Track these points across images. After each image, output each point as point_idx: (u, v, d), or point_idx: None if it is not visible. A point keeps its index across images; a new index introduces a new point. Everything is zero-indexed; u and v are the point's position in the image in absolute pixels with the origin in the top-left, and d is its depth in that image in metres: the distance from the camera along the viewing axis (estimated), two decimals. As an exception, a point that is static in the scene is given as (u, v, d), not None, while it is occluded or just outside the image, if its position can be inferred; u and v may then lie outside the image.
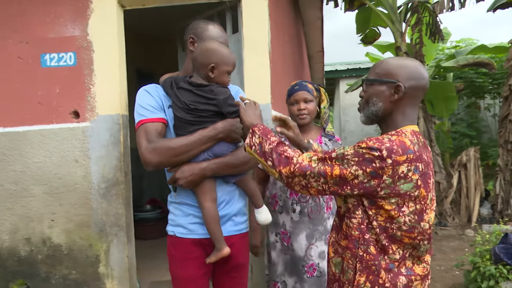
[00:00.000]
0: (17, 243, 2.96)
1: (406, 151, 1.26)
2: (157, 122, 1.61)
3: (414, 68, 1.37)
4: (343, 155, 1.28)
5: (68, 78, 2.87)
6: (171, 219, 1.72)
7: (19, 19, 2.90)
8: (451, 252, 4.20)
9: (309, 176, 1.31)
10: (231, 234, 1.71)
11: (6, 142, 2.93)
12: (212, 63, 1.61)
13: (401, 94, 1.35)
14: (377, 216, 1.30)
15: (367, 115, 1.42)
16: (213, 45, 1.63)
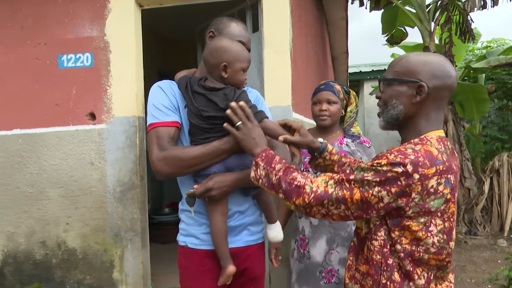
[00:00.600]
0: (33, 246, 2.92)
1: (434, 162, 1.09)
2: (170, 127, 1.50)
3: (439, 65, 1.19)
4: (362, 177, 1.11)
5: (85, 79, 2.82)
6: (183, 228, 1.61)
7: (37, 20, 2.87)
8: (482, 263, 3.96)
9: (327, 204, 1.15)
10: (247, 245, 1.60)
11: (23, 144, 2.90)
12: (223, 62, 1.47)
13: (424, 95, 1.18)
14: (401, 239, 1.14)
15: (386, 119, 1.25)
16: (222, 42, 1.50)
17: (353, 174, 1.13)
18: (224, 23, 1.61)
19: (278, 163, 1.27)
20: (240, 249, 1.58)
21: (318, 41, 5.17)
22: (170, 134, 1.49)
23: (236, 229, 1.57)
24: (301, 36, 3.18)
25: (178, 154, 1.45)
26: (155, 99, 1.54)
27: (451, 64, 1.21)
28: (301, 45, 3.18)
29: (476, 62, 7.49)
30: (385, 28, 6.61)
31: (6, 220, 2.94)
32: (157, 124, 1.49)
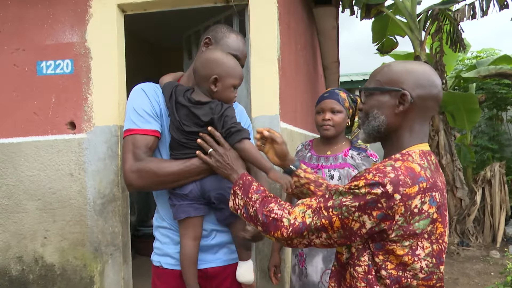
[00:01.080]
0: (9, 261, 2.78)
1: (417, 179, 1.01)
2: (149, 135, 1.39)
3: (423, 73, 1.11)
4: (341, 202, 1.03)
5: (64, 87, 2.71)
6: (158, 247, 1.49)
7: (15, 25, 2.76)
8: (475, 276, 3.88)
9: (307, 234, 1.08)
10: (226, 264, 1.50)
11: (0, 154, 2.77)
12: (214, 75, 1.37)
13: (407, 105, 1.09)
14: (385, 264, 1.04)
15: (367, 131, 1.16)
16: (216, 54, 1.40)
17: (331, 199, 1.06)
18: (223, 32, 1.51)
19: (255, 192, 1.19)
20: (219, 269, 1.48)
21: (308, 49, 5.11)
22: (148, 143, 1.39)
23: (214, 248, 1.48)
24: (290, 44, 3.10)
25: (153, 168, 1.34)
26: (136, 102, 1.43)
27: (436, 73, 1.14)
28: (290, 53, 3.11)
29: (466, 71, 7.51)
30: (375, 37, 6.59)
31: (-20, 234, 2.79)
32: (135, 131, 1.39)
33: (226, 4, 2.58)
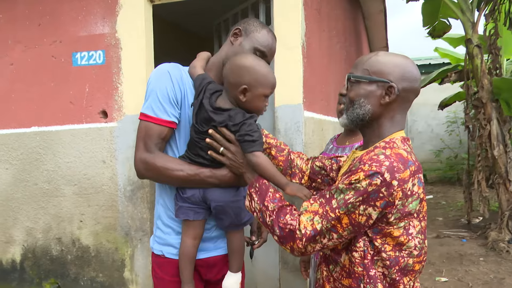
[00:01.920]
0: (50, 242, 2.97)
1: (407, 164, 1.06)
2: (164, 126, 1.36)
3: (408, 67, 1.15)
4: (345, 201, 1.05)
5: (97, 77, 2.81)
6: (159, 236, 1.47)
7: (53, 18, 2.89)
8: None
9: (319, 238, 1.09)
10: (225, 253, 1.49)
11: (41, 141, 2.94)
12: (244, 85, 1.28)
13: (393, 97, 1.13)
14: (384, 247, 1.09)
15: (351, 118, 1.19)
16: (248, 61, 1.30)
17: (333, 199, 1.08)
18: (255, 26, 1.46)
19: (272, 201, 1.19)
20: (219, 258, 1.49)
21: (349, 35, 4.92)
22: (161, 134, 1.36)
23: (214, 238, 1.47)
24: (320, 30, 3.00)
25: (159, 167, 1.33)
26: (158, 85, 1.36)
27: (416, 66, 1.17)
28: (320, 40, 3.00)
29: (529, 55, 6.89)
30: (426, 20, 6.19)
31: (25, 216, 3.00)
32: (151, 118, 1.36)
33: (251, -10, 2.53)
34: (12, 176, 3.00)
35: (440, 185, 8.95)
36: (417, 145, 11.24)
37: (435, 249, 4.43)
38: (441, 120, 10.46)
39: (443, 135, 10.44)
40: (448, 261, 4.09)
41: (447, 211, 6.43)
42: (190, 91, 1.40)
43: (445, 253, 4.31)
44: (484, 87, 4.78)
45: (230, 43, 1.46)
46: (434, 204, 7.02)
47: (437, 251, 4.38)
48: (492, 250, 4.32)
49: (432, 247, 4.49)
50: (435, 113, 10.15)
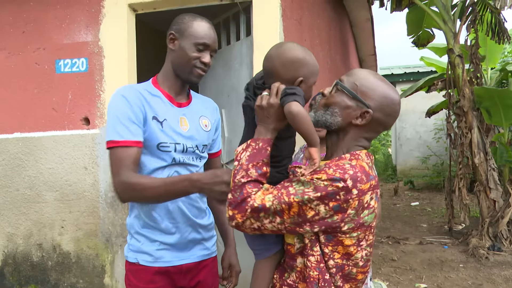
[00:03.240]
0: (30, 248, 2.97)
1: (369, 177, 1.08)
2: (132, 147, 1.37)
3: (393, 103, 1.16)
4: (303, 192, 1.05)
5: (80, 84, 2.84)
6: (133, 244, 1.49)
7: (37, 25, 2.92)
8: (502, 282, 3.67)
9: (262, 217, 1.08)
10: (200, 260, 1.55)
11: (23, 147, 2.96)
12: (300, 77, 1.21)
13: (364, 122, 1.15)
14: (333, 254, 1.10)
15: (317, 119, 1.18)
16: (299, 52, 1.24)
17: (292, 187, 1.08)
18: (185, 23, 1.45)
19: (256, 168, 1.12)
20: (193, 264, 1.53)
21: (334, 44, 5.00)
22: (132, 155, 1.37)
23: (189, 244, 1.51)
24: (301, 40, 3.06)
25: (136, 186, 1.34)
26: (118, 111, 1.39)
27: (400, 106, 1.19)
28: (302, 49, 3.06)
29: (512, 64, 7.03)
30: (410, 29, 6.32)
31: (6, 222, 3.01)
32: (118, 143, 1.37)
33: (231, 1, 2.59)
34: (-7, 182, 3.01)
35: (427, 192, 9.05)
36: (405, 151, 11.37)
37: (417, 255, 4.49)
38: (429, 127, 10.61)
39: (431, 142, 10.58)
40: (428, 267, 4.16)
41: (431, 217, 6.52)
42: (148, 105, 1.43)
43: (427, 259, 4.38)
44: (465, 96, 4.88)
45: (171, 49, 1.47)
46: (419, 210, 7.10)
47: (419, 257, 4.44)
48: (473, 257, 4.39)
49: (414, 253, 4.56)
50: (422, 120, 10.30)
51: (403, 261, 4.33)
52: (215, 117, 1.65)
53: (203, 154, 1.57)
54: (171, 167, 1.46)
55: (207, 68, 1.49)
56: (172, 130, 1.46)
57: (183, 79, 1.50)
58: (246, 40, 2.67)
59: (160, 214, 1.47)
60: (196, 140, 1.52)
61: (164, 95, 1.50)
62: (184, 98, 1.56)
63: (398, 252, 4.65)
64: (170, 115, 1.48)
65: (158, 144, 1.43)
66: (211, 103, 1.68)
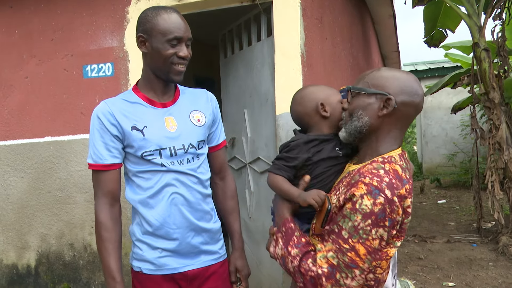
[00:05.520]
0: (63, 247, 3.08)
1: (403, 182, 1.07)
2: (110, 170, 1.41)
3: (408, 81, 1.15)
4: (355, 227, 1.02)
5: (106, 88, 2.93)
6: (136, 252, 1.48)
7: (65, 33, 3.02)
8: (536, 281, 3.58)
9: (340, 278, 1.05)
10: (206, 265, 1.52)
11: (54, 150, 3.07)
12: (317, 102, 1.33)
13: (390, 109, 1.13)
14: (376, 269, 1.07)
15: (349, 130, 1.18)
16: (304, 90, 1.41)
17: (343, 229, 1.04)
18: (150, 21, 1.37)
19: (295, 246, 1.14)
20: (200, 270, 1.50)
21: (356, 41, 4.97)
22: (107, 179, 1.41)
23: (193, 250, 1.48)
24: (323, 39, 3.06)
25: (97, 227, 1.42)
26: (93, 132, 1.41)
27: (419, 82, 1.17)
28: (322, 48, 3.06)
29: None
30: (427, 27, 6.19)
31: (39, 223, 3.12)
32: (97, 166, 1.40)
33: (252, 2, 2.61)
34: (27, 184, 3.13)
35: (454, 190, 8.85)
36: (431, 149, 11.15)
37: (445, 254, 4.41)
38: (455, 124, 10.38)
39: (458, 138, 10.34)
40: (457, 266, 4.08)
41: (459, 215, 6.38)
42: (125, 117, 1.41)
43: (455, 258, 4.29)
44: (493, 90, 4.76)
45: (144, 53, 1.43)
46: (447, 208, 6.96)
47: (446, 256, 4.36)
48: (503, 255, 4.29)
49: (441, 252, 4.48)
50: (449, 117, 10.09)
51: (430, 260, 4.26)
52: (210, 108, 1.57)
53: (201, 151, 1.51)
54: (163, 174, 1.42)
55: (187, 61, 1.42)
56: (155, 135, 1.42)
57: (164, 80, 1.45)
58: (267, 40, 2.69)
59: (159, 220, 1.43)
60: (187, 139, 1.46)
61: (144, 100, 1.45)
62: (170, 97, 1.49)
63: (425, 250, 4.58)
64: (152, 119, 1.43)
65: (142, 154, 1.41)
66: (203, 94, 1.59)
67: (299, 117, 1.36)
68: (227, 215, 1.65)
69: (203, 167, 1.52)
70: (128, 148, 1.42)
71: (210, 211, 1.55)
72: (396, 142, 1.17)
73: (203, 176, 1.52)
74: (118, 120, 1.40)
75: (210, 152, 1.59)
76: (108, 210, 1.42)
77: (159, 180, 1.43)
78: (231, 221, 1.64)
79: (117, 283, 1.37)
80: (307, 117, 1.34)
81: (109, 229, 1.41)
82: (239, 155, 3.19)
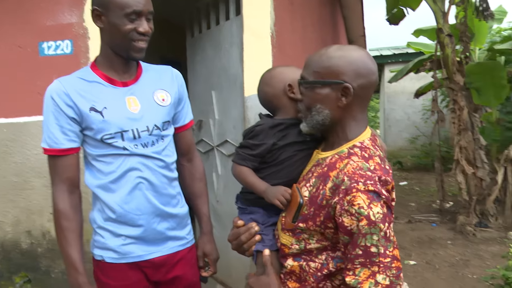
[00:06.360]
0: (19, 235, 2.93)
1: (387, 174, 1.03)
2: (68, 155, 1.34)
3: (362, 62, 1.06)
4: (385, 238, 0.96)
5: (65, 67, 2.74)
6: (97, 240, 1.41)
7: (19, 6, 2.81)
8: (489, 258, 3.76)
9: None
10: (174, 251, 1.47)
11: (8, 133, 2.88)
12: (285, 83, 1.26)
13: (350, 98, 1.06)
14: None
15: (311, 125, 1.12)
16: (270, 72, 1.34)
17: (372, 247, 0.95)
18: None
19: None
20: (167, 257, 1.45)
21: (324, 24, 4.95)
22: (66, 164, 1.35)
23: (158, 237, 1.43)
24: (293, 20, 3.01)
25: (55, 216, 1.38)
26: (46, 115, 1.34)
27: (372, 58, 1.09)
28: (293, 30, 3.02)
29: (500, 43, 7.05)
30: (389, 5, 6.17)
31: (-6, 209, 2.95)
32: (53, 151, 1.34)
33: (220, -21, 2.52)
34: (-21, 169, 2.94)
35: (415, 172, 9.17)
36: (394, 132, 11.46)
37: (406, 234, 4.56)
38: (417, 108, 10.70)
39: (419, 122, 10.67)
40: (418, 245, 4.23)
41: (420, 197, 6.61)
42: (82, 98, 1.33)
43: (416, 237, 4.45)
44: (455, 75, 4.89)
45: (101, 28, 1.34)
46: (408, 190, 7.20)
47: (408, 235, 4.51)
48: (460, 234, 4.48)
49: (403, 232, 4.62)
50: (411, 101, 10.37)
51: (393, 240, 4.39)
52: (175, 86, 1.49)
53: (166, 132, 1.43)
54: (126, 158, 1.35)
55: (148, 37, 1.33)
56: (116, 116, 1.33)
57: (124, 57, 1.35)
58: (236, 19, 2.61)
59: (122, 206, 1.36)
60: (151, 120, 1.38)
61: (103, 79, 1.36)
62: (131, 75, 1.41)
63: (388, 231, 4.72)
64: (113, 99, 1.35)
65: (102, 137, 1.32)
66: (167, 71, 1.50)
67: (267, 99, 1.30)
68: (195, 198, 1.60)
69: (168, 149, 1.46)
70: (87, 131, 1.34)
71: (177, 195, 1.49)
72: (363, 124, 1.12)
73: (169, 159, 1.45)
74: (75, 101, 1.31)
75: (177, 133, 1.53)
76: (67, 198, 1.36)
77: (122, 164, 1.36)
78: (199, 204, 1.59)
79: (80, 274, 1.31)
80: (275, 99, 1.27)
81: (69, 218, 1.34)
82: (207, 137, 3.12)
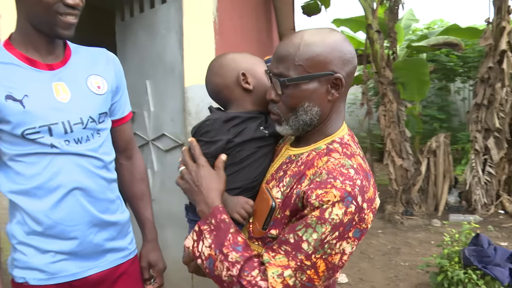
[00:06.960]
0: None
1: (368, 178, 0.91)
2: None
3: (342, 46, 0.94)
4: (321, 240, 0.85)
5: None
6: (18, 259, 1.16)
7: None
8: (417, 245, 3.98)
9: None
10: (114, 266, 1.27)
11: None
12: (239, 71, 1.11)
13: (342, 89, 0.94)
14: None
15: (296, 127, 0.97)
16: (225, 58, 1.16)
17: (303, 242, 0.86)
18: None
19: (233, 248, 0.90)
20: (106, 272, 1.25)
21: (260, 15, 4.85)
22: None
23: (94, 250, 1.21)
24: (234, 7, 2.87)
25: None
26: None
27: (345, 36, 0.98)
28: (233, 18, 2.87)
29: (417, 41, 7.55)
30: None
31: None
32: None
33: (157, -43, 2.30)
34: None
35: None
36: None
37: (339, 225, 4.69)
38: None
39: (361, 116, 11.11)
40: (351, 235, 4.36)
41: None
42: (6, 82, 1.09)
43: (348, 227, 4.58)
44: (384, 70, 5.10)
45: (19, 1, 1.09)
46: (337, 181, 7.45)
47: (341, 226, 4.63)
48: (389, 222, 4.70)
49: (337, 223, 4.75)
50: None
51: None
52: (112, 72, 1.28)
53: (102, 125, 1.23)
54: (54, 157, 1.12)
55: (78, 11, 1.11)
56: (41, 106, 1.11)
57: (49, 35, 1.12)
58: (174, 2, 2.40)
59: (51, 215, 1.13)
60: (85, 111, 1.17)
61: (21, 60, 1.11)
62: (58, 57, 1.17)
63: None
64: (36, 85, 1.11)
65: (23, 132, 1.09)
66: (102, 54, 1.28)
67: (217, 91, 1.14)
68: (137, 200, 1.40)
69: (106, 146, 1.24)
70: (2, 124, 1.08)
71: (116, 199, 1.28)
72: (342, 116, 1.01)
73: (107, 158, 1.24)
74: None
75: (114, 127, 1.32)
76: None
77: (49, 165, 1.12)
78: (141, 208, 1.40)
79: None
80: (227, 90, 1.11)
81: None
82: (140, 131, 2.88)
